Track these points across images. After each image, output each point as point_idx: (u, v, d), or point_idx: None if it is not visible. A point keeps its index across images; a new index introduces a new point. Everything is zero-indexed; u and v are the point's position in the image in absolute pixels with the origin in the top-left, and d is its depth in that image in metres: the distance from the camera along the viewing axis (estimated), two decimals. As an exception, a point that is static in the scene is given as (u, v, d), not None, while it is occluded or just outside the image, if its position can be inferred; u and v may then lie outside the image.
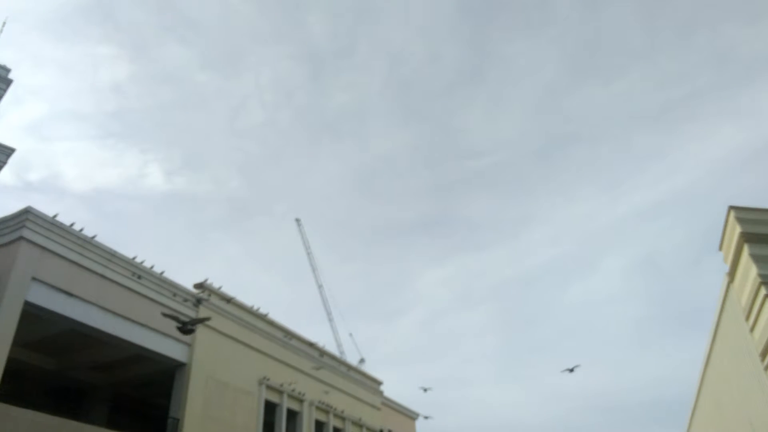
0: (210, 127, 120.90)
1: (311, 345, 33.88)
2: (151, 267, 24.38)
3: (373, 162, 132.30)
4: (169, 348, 24.18)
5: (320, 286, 62.90)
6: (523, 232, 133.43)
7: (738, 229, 14.07)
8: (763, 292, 13.30)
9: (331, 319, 61.83)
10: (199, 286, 27.00)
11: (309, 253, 63.85)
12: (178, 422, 23.35)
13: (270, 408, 29.24)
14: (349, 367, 38.46)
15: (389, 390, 41.75)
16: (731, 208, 14.24)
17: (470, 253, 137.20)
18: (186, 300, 25.54)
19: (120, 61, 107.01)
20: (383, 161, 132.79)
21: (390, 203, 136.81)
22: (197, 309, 25.98)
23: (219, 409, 25.54)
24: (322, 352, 35.04)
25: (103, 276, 21.99)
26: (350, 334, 63.54)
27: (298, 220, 65.14)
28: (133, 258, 23.72)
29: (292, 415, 30.76)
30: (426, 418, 42.47)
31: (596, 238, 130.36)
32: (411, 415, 45.17)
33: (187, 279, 28.78)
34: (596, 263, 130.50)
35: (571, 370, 29.88)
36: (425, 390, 31.93)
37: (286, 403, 30.02)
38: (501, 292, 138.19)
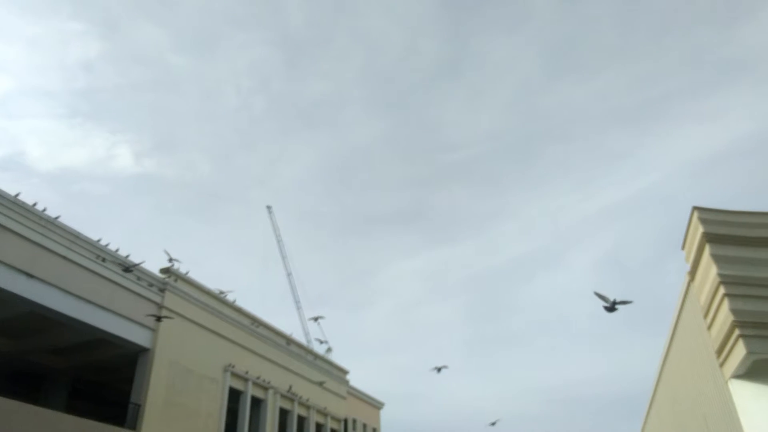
0: (182, 111, 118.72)
1: (278, 333, 33.73)
2: (116, 250, 23.91)
3: (348, 152, 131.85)
4: (133, 333, 23.79)
5: (289, 275, 62.51)
6: (495, 226, 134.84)
7: (700, 230, 14.42)
8: (721, 291, 13.68)
9: (299, 308, 61.58)
10: (166, 271, 26.59)
11: (279, 241, 63.38)
12: (139, 408, 23.03)
13: (234, 395, 29.05)
14: (316, 356, 38.43)
15: (356, 379, 41.92)
16: (695, 208, 14.58)
17: (442, 245, 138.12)
18: (151, 285, 25.13)
19: (91, 38, 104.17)
20: (358, 152, 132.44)
21: (364, 194, 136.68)
22: (163, 294, 25.59)
23: (182, 396, 25.26)
24: (289, 340, 34.92)
25: (65, 258, 21.46)
26: (318, 323, 63.42)
27: (269, 208, 64.53)
28: (98, 240, 23.22)
29: (257, 403, 30.62)
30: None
31: (566, 233, 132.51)
32: (376, 405, 45.43)
33: (153, 264, 28.30)
34: (565, 258, 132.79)
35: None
36: (438, 369, 32.15)
37: (251, 391, 29.86)
38: (471, 285, 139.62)
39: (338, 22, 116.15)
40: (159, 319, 23.73)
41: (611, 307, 18.83)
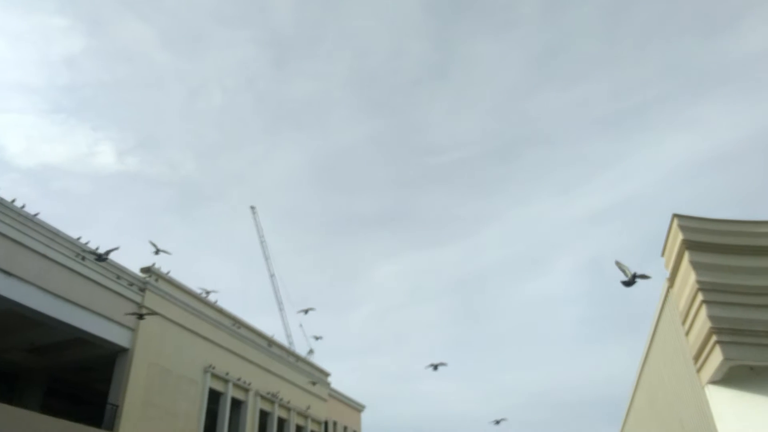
0: (167, 108, 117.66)
1: (260, 334, 33.54)
2: (96, 248, 23.61)
3: (334, 153, 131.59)
4: (112, 332, 23.49)
5: (272, 275, 62.19)
6: (480, 230, 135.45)
7: (680, 237, 14.61)
8: (699, 298, 13.88)
9: (281, 309, 61.29)
10: (146, 270, 26.31)
11: (263, 242, 63.01)
12: (116, 409, 22.75)
13: (214, 396, 28.81)
14: (298, 357, 38.28)
15: (338, 381, 41.82)
16: (675, 216, 14.79)
17: (426, 248, 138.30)
18: (131, 284, 24.85)
19: (75, 34, 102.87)
20: (344, 153, 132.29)
21: (348, 196, 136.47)
22: (143, 294, 25.31)
23: (161, 397, 25.00)
24: (271, 342, 34.74)
25: (44, 256, 21.15)
26: (300, 325, 63.17)
27: (253, 208, 64.09)
28: (78, 238, 22.91)
29: (237, 405, 30.40)
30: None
31: (548, 239, 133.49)
32: (357, 407, 45.33)
33: (134, 262, 27.95)
34: (547, 264, 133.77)
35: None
36: (435, 367, 31.26)
37: (231, 392, 29.63)
38: (454, 288, 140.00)
39: (326, 23, 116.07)
40: (141, 316, 23.43)
41: (630, 281, 18.08)
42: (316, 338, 41.87)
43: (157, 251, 24.79)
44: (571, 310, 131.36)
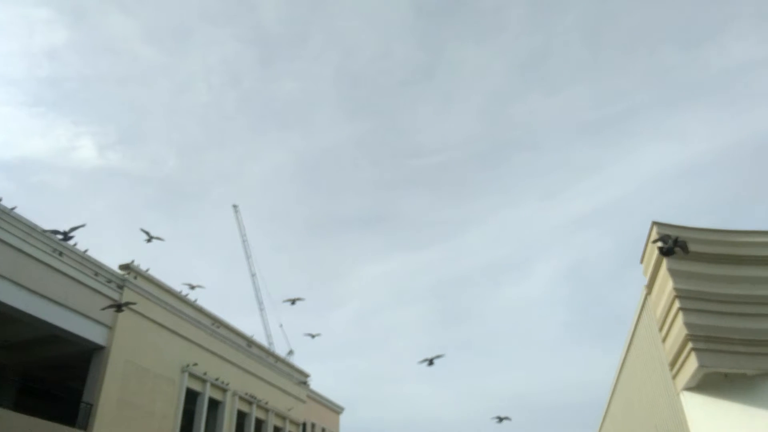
0: (150, 104, 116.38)
1: (239, 334, 33.29)
2: (74, 244, 23.28)
3: (318, 153, 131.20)
4: (88, 330, 23.15)
5: (253, 275, 61.82)
6: (461, 234, 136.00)
7: (659, 244, 14.77)
8: (676, 305, 14.06)
9: (262, 309, 60.91)
10: (125, 267, 25.98)
11: (244, 241, 62.62)
12: (91, 407, 22.41)
13: (191, 396, 28.52)
14: (277, 358, 38.06)
15: (317, 383, 41.64)
16: (654, 223, 14.98)
17: (409, 251, 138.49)
18: (109, 281, 24.51)
19: (58, 26, 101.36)
20: (328, 153, 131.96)
21: (332, 196, 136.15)
22: (121, 291, 24.99)
23: (137, 396, 24.68)
24: (250, 342, 34.50)
25: (20, 250, 20.76)
26: (281, 325, 62.84)
27: (235, 207, 63.68)
28: (55, 233, 22.53)
29: (214, 405, 30.13)
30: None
31: (531, 243, 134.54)
32: (336, 409, 45.19)
33: (113, 259, 27.58)
34: (529, 268, 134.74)
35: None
36: (430, 362, 29.26)
37: (209, 393, 29.36)
38: (436, 291, 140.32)
39: (313, 23, 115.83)
40: (120, 309, 22.89)
41: (669, 250, 14.92)
42: (312, 336, 39.35)
43: (150, 239, 24.26)
44: (552, 314, 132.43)
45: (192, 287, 29.74)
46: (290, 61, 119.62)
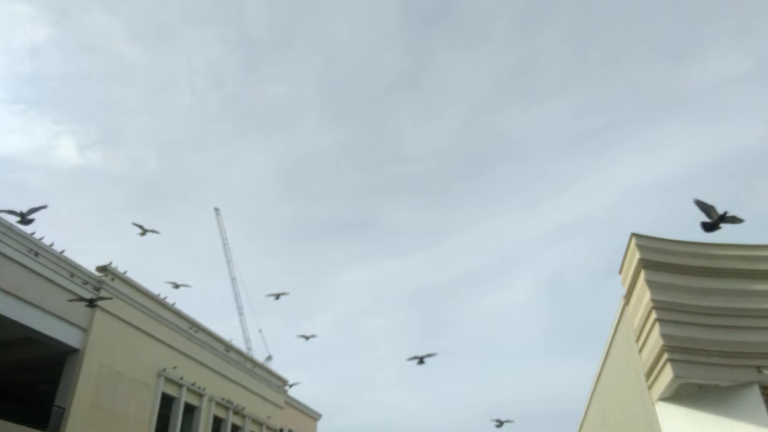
0: (132, 104, 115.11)
1: (217, 338, 32.93)
2: (51, 245, 22.88)
3: (301, 158, 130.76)
4: (62, 332, 22.72)
5: (233, 279, 61.30)
6: (444, 241, 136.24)
7: (637, 256, 14.97)
8: (653, 316, 14.23)
9: (241, 314, 60.38)
10: (102, 269, 25.58)
11: (225, 245, 62.09)
12: (63, 411, 21.97)
13: (167, 401, 28.11)
14: (255, 363, 37.71)
15: (295, 389, 41.26)
16: (633, 235, 15.16)
17: (391, 257, 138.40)
18: (86, 283, 24.11)
19: (41, 23, 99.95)
20: (311, 158, 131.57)
21: (314, 201, 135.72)
22: (98, 293, 24.59)
23: (111, 400, 24.26)
24: (228, 347, 34.15)
25: (-6, 250, 20.35)
26: (260, 330, 62.36)
27: (216, 210, 63.14)
28: (31, 234, 22.14)
29: (190, 410, 29.73)
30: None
31: (512, 252, 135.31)
32: (313, 416, 44.87)
33: (90, 261, 27.13)
34: (510, 277, 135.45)
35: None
36: (421, 360, 27.68)
37: (185, 398, 28.97)
38: (417, 298, 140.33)
39: (299, 27, 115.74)
40: (93, 304, 22.22)
41: (713, 224, 14.32)
42: (307, 337, 37.17)
43: (144, 232, 23.67)
44: (531, 323, 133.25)
45: (176, 286, 29.24)
46: (275, 65, 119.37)
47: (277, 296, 35.08)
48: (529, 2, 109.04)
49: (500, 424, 30.97)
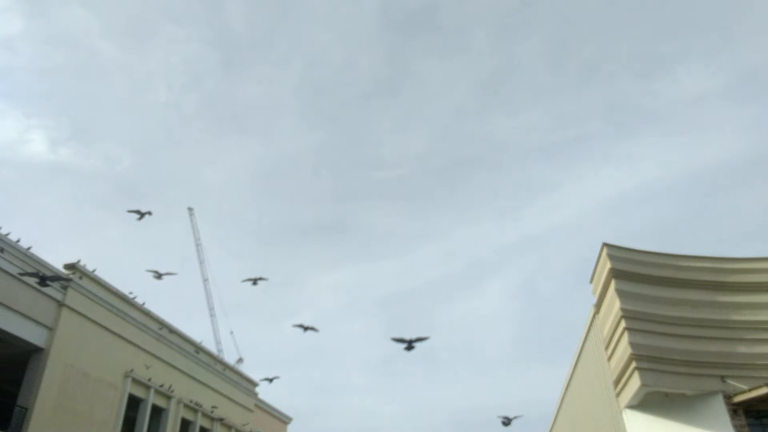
0: (107, 100, 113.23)
1: (187, 340, 32.47)
2: (17, 240, 22.32)
3: (278, 160, 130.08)
4: (27, 330, 22.14)
5: (206, 280, 60.55)
6: (418, 247, 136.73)
7: (608, 265, 15.21)
8: (622, 325, 14.46)
9: (212, 315, 59.65)
10: (71, 266, 25.03)
11: (198, 245, 61.30)
12: (26, 412, 21.41)
13: (133, 403, 27.58)
14: (226, 366, 37.25)
15: (266, 392, 40.90)
16: (604, 244, 15.40)
17: (364, 262, 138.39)
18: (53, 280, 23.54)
19: (14, 15, 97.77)
20: (288, 161, 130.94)
21: (289, 204, 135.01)
22: (65, 292, 24.06)
23: (75, 401, 23.72)
24: (199, 349, 33.68)
25: (-43, 244, 19.78)
26: (231, 333, 61.66)
27: (190, 210, 62.32)
28: (-3, 229, 21.58)
29: (157, 412, 29.21)
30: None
31: (486, 259, 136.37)
32: (283, 419, 44.51)
33: (58, 258, 26.48)
34: (483, 284, 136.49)
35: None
36: (409, 345, 23.89)
37: (152, 399, 28.46)
38: (389, 304, 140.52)
39: (279, 30, 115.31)
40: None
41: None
42: (305, 328, 31.30)
43: (141, 215, 22.93)
44: (503, 330, 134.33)
45: (159, 275, 28.42)
46: (254, 66, 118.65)
47: (255, 281, 32.53)
48: (507, 14, 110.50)
49: (508, 421, 26.46)
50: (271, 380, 35.06)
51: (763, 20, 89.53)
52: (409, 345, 23.18)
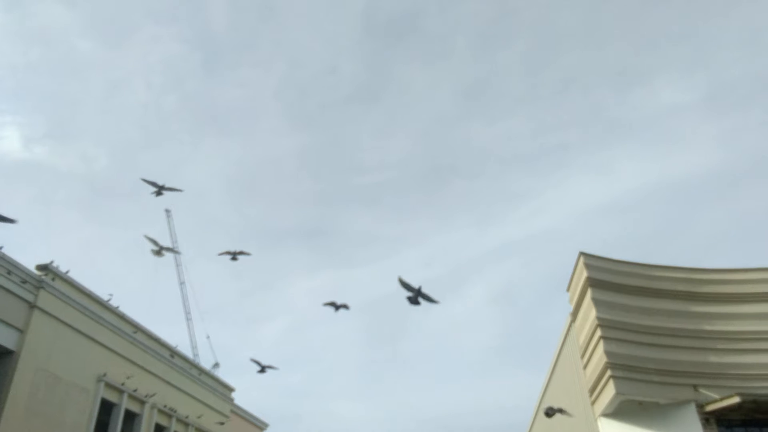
0: (84, 99, 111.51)
1: (162, 344, 32.03)
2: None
3: (258, 163, 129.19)
4: (-3, 333, 21.67)
5: (182, 283, 59.83)
6: (397, 252, 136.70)
7: (585, 274, 15.36)
8: (598, 333, 14.61)
9: (189, 319, 58.93)
10: (43, 268, 24.54)
11: (175, 248, 60.56)
12: (-6, 416, 20.91)
13: (106, 407, 27.09)
14: (201, 371, 36.81)
15: (242, 397, 40.48)
16: (581, 254, 15.55)
17: (343, 266, 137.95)
18: (24, 281, 23.09)
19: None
20: (268, 163, 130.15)
21: (269, 207, 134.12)
22: (37, 293, 23.59)
23: (46, 405, 23.23)
24: (174, 353, 33.25)
25: (-75, 243, 19.28)
26: (208, 337, 60.94)
27: (167, 211, 61.55)
28: (-33, 228, 21.09)
29: (130, 417, 28.73)
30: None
31: (465, 266, 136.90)
32: (260, 425, 44.10)
33: (30, 259, 25.91)
34: (461, 290, 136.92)
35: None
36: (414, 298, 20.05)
37: (126, 404, 27.98)
38: (369, 309, 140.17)
39: (262, 31, 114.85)
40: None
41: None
42: (338, 307, 27.12)
43: (160, 190, 21.32)
44: (481, 336, 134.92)
45: (159, 250, 26.95)
46: (235, 68, 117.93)
47: (234, 255, 28.24)
48: (489, 23, 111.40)
49: (552, 413, 20.83)
50: (263, 369, 31.32)
51: (738, 35, 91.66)
52: (416, 296, 20.44)
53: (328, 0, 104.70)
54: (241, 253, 27.58)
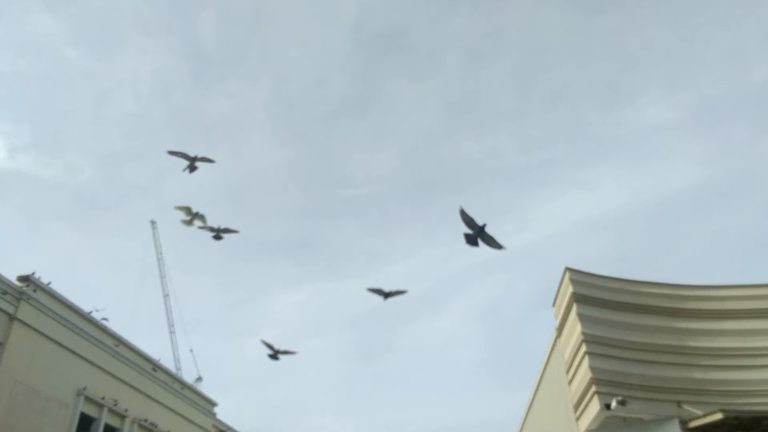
0: (71, 109, 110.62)
1: (145, 357, 31.57)
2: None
3: (245, 175, 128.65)
4: (-26, 345, 21.24)
5: (166, 296, 59.19)
6: (384, 267, 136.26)
7: (570, 289, 15.43)
8: (583, 349, 14.65)
9: (172, 332, 58.23)
10: (24, 279, 24.15)
11: (160, 259, 59.97)
12: (-31, 431, 20.44)
13: (86, 422, 26.58)
14: (184, 385, 36.31)
15: (225, 412, 39.95)
16: (567, 269, 15.63)
17: (329, 280, 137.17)
18: (5, 293, 22.70)
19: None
20: (255, 176, 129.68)
21: (255, 220, 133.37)
22: (17, 305, 23.19)
23: (23, 420, 22.74)
24: (156, 366, 32.78)
25: None
26: (191, 350, 60.22)
27: (153, 223, 61.05)
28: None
29: (110, 432, 28.22)
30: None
31: (450, 281, 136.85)
32: (242, 441, 43.47)
33: (12, 270, 25.49)
34: (446, 305, 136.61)
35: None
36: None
37: (105, 418, 27.48)
38: (353, 323, 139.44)
39: (251, 44, 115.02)
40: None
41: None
42: (385, 295, 25.01)
43: (192, 163, 20.14)
44: (466, 351, 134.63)
45: (190, 220, 24.65)
46: (224, 80, 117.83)
47: (218, 234, 25.60)
48: (476, 40, 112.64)
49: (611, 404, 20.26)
50: (275, 354, 29.28)
51: (720, 54, 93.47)
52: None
53: (318, 14, 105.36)
54: (226, 230, 25.45)
